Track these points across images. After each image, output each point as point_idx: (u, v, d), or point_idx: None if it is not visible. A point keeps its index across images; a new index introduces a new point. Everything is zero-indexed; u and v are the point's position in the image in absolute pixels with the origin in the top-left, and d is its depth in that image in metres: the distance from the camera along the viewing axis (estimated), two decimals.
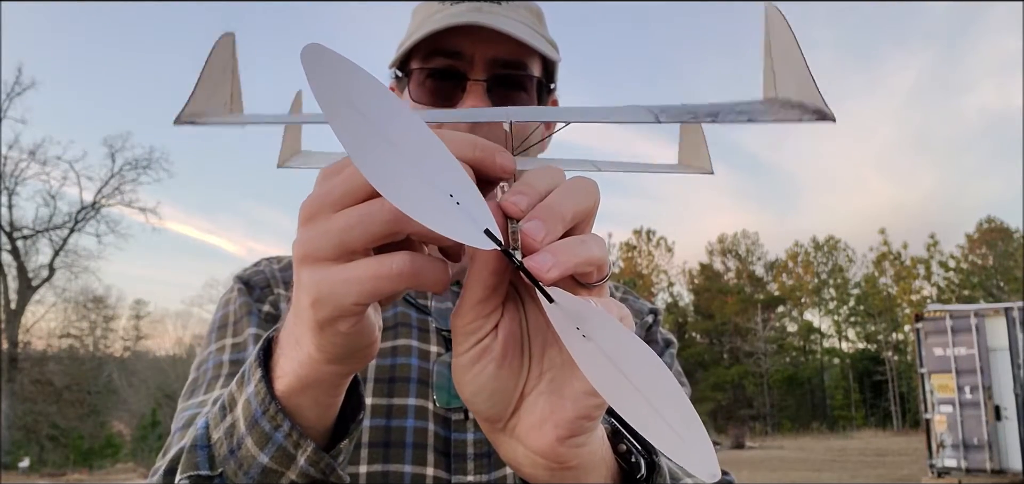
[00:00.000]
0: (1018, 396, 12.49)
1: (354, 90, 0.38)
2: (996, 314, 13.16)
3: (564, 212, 0.42)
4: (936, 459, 13.20)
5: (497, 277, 0.43)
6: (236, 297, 0.86)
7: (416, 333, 0.83)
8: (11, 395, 26.88)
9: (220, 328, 0.84)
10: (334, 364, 0.45)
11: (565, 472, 0.45)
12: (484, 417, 0.47)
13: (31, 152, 29.73)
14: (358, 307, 0.41)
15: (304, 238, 0.42)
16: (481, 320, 0.44)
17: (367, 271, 0.40)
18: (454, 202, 0.38)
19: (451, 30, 0.82)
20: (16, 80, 28.85)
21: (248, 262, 0.96)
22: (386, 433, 0.76)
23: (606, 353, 0.38)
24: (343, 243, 0.40)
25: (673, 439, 0.37)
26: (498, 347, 0.44)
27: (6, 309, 28.44)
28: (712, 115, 0.48)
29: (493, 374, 0.44)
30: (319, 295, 0.41)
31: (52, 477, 23.49)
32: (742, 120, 0.47)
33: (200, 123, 0.55)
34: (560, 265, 0.39)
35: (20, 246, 29.26)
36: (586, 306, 0.39)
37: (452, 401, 0.78)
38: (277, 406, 0.47)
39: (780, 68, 0.50)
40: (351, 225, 0.40)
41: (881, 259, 45.05)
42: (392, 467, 0.75)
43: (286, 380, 0.47)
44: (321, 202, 0.41)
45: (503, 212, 0.41)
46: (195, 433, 0.53)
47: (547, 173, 0.44)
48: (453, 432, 0.78)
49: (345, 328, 0.42)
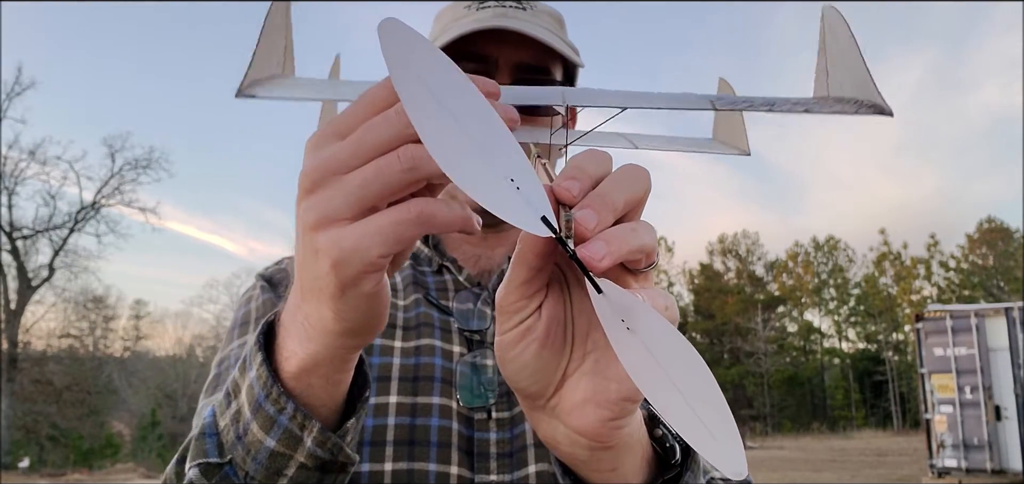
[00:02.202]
0: (1018, 396, 12.48)
1: (425, 66, 0.38)
2: (996, 314, 13.15)
3: (616, 201, 0.42)
4: (936, 459, 13.19)
5: (543, 259, 0.43)
6: (259, 294, 0.86)
7: (439, 333, 0.83)
8: (11, 395, 26.87)
9: (242, 324, 0.84)
10: (349, 336, 0.45)
11: (603, 452, 0.46)
12: (525, 394, 0.47)
13: (31, 152, 29.69)
14: (383, 260, 0.40)
15: (314, 203, 0.41)
16: (525, 300, 0.44)
17: (388, 219, 0.40)
18: (514, 186, 0.38)
19: (477, 35, 0.83)
20: (16, 80, 28.83)
21: (250, 261, 0.96)
22: (411, 432, 0.76)
23: (648, 347, 0.38)
24: (363, 199, 0.40)
25: (705, 436, 0.37)
26: (541, 327, 0.45)
27: (6, 309, 28.44)
28: (768, 105, 0.49)
29: (536, 353, 0.45)
30: (342, 254, 0.40)
31: (52, 477, 23.47)
32: (799, 110, 0.48)
33: (260, 96, 0.54)
34: (611, 254, 0.39)
35: (20, 246, 29.26)
36: (633, 300, 0.39)
37: (475, 401, 0.79)
38: (280, 389, 0.47)
39: (835, 67, 0.50)
40: (368, 180, 0.40)
41: (881, 259, 45.04)
42: (417, 465, 0.75)
43: (296, 359, 0.47)
44: (326, 167, 0.41)
45: (555, 197, 0.41)
46: (203, 422, 0.53)
47: (597, 158, 0.44)
48: (476, 432, 0.78)
49: (370, 286, 0.41)
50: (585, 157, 0.44)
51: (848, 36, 0.48)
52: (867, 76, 0.47)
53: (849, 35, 0.48)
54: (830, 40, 0.51)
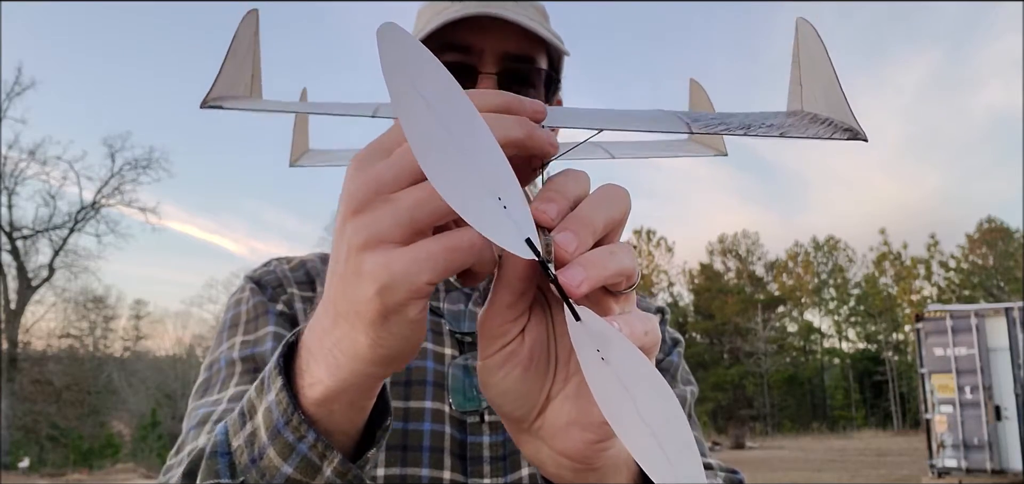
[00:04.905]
0: (1018, 396, 12.49)
1: (421, 74, 0.38)
2: (996, 314, 13.16)
3: (595, 222, 0.41)
4: (936, 459, 13.20)
5: (526, 283, 0.43)
6: (249, 296, 0.85)
7: (430, 335, 0.82)
8: (11, 395, 26.88)
9: (231, 326, 0.83)
10: (382, 365, 0.43)
11: (589, 473, 0.46)
12: (509, 418, 0.47)
13: (31, 152, 29.78)
14: (431, 286, 0.39)
15: (363, 224, 0.39)
16: (509, 324, 0.43)
17: (441, 245, 0.39)
18: (501, 204, 0.37)
19: (461, 24, 0.83)
20: (16, 80, 28.87)
21: (251, 261, 0.96)
22: (404, 436, 0.76)
23: (620, 378, 0.38)
24: (414, 221, 0.38)
25: (667, 471, 0.37)
26: (525, 351, 0.44)
27: (6, 309, 28.44)
28: (744, 127, 0.47)
29: (519, 378, 0.44)
30: (391, 278, 0.38)
31: (52, 477, 23.48)
32: (774, 134, 0.46)
33: (227, 107, 0.54)
34: (590, 279, 0.39)
35: (20, 246, 29.28)
36: (610, 331, 0.38)
37: (467, 404, 0.78)
38: (301, 417, 0.46)
39: (808, 81, 0.50)
40: (420, 202, 0.38)
41: (881, 259, 45.06)
42: (410, 470, 0.75)
43: (321, 386, 0.45)
44: (373, 186, 0.39)
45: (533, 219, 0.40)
46: (215, 439, 0.51)
47: (575, 178, 0.44)
48: (469, 435, 0.78)
49: (415, 312, 0.40)
50: (563, 177, 0.44)
51: (822, 53, 0.47)
52: (840, 94, 0.46)
53: (823, 52, 0.47)
54: (804, 55, 0.50)
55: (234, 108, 0.55)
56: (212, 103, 0.54)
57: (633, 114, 0.51)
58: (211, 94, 0.54)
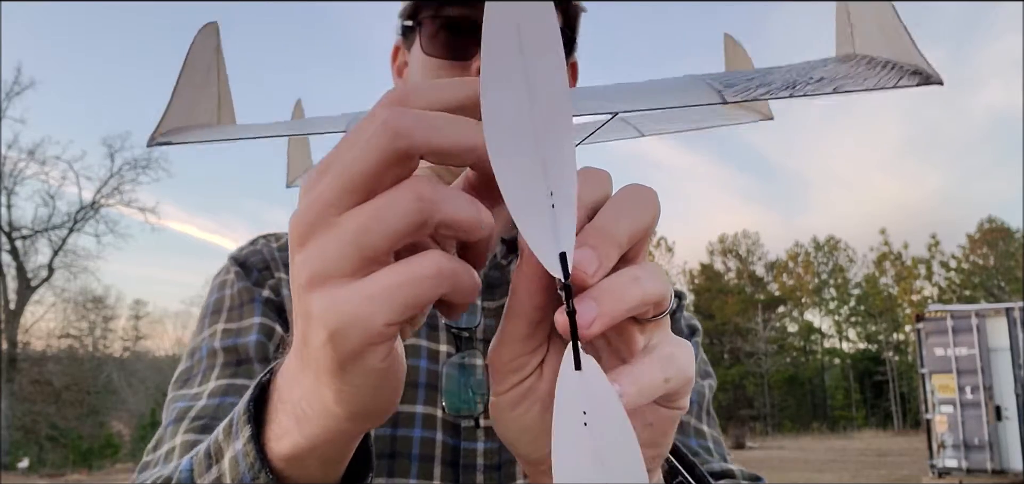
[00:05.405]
0: (1019, 396, 12.47)
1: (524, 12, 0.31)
2: (997, 314, 13.14)
3: (619, 235, 0.34)
4: (937, 459, 13.18)
5: (543, 311, 0.36)
6: (234, 279, 0.80)
7: (424, 330, 0.78)
8: (10, 395, 26.86)
9: (214, 312, 0.79)
10: (354, 421, 0.36)
11: None
12: (526, 460, 0.41)
13: (30, 152, 29.72)
14: (390, 328, 0.32)
15: (306, 257, 0.32)
16: (525, 357, 0.37)
17: (397, 277, 0.31)
18: (550, 203, 0.31)
19: None
20: (16, 80, 28.85)
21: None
22: (391, 443, 0.72)
23: (598, 455, 0.31)
24: (360, 247, 0.31)
25: None
26: (544, 387, 0.38)
27: (5, 309, 28.42)
28: (789, 87, 0.39)
29: (538, 417, 0.38)
30: (340, 323, 0.31)
31: (51, 477, 23.47)
32: (826, 91, 0.37)
33: (178, 142, 0.45)
34: (603, 317, 0.32)
35: (19, 246, 29.25)
36: (609, 395, 0.31)
37: (462, 407, 0.73)
38: (268, 475, 0.40)
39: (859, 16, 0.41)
40: (365, 224, 0.31)
41: (882, 259, 45.02)
42: (397, 481, 0.70)
43: (289, 440, 0.39)
44: (317, 209, 0.32)
45: None
46: (179, 477, 0.46)
47: (594, 178, 0.36)
48: (463, 441, 0.73)
49: (377, 359, 0.33)
50: (580, 177, 0.35)
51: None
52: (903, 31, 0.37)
53: None
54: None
55: (187, 142, 0.46)
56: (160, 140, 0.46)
57: (657, 86, 0.43)
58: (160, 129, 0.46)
